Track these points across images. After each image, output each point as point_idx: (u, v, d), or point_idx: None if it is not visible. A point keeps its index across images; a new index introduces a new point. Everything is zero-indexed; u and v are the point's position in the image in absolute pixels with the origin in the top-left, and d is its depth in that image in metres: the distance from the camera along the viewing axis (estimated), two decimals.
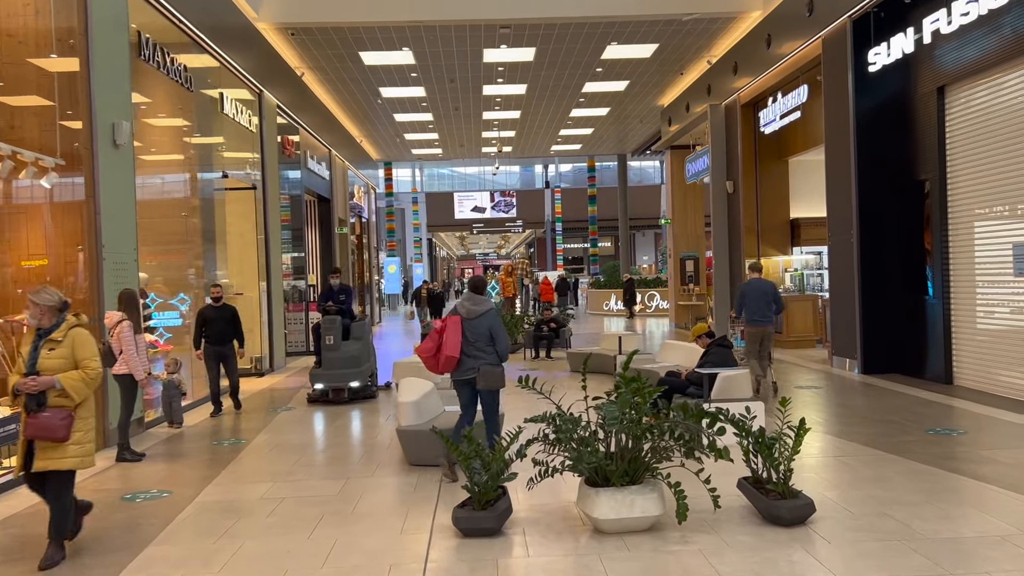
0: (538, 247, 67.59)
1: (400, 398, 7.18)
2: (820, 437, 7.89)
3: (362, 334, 11.36)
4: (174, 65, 10.58)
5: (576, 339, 18.35)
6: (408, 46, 16.64)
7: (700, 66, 19.08)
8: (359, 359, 11.03)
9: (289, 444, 8.36)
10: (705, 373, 7.67)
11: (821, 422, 8.70)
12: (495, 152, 29.14)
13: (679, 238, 23.17)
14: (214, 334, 10.14)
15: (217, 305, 10.29)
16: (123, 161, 8.86)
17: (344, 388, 10.79)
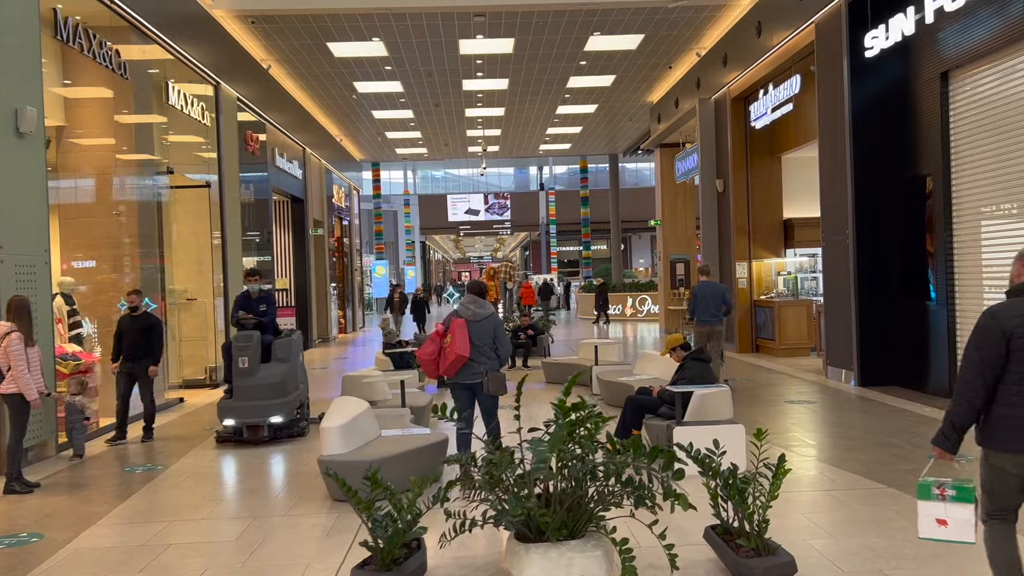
0: (533, 250, 66.78)
1: (324, 422, 6.22)
2: (811, 464, 6.93)
3: (288, 354, 8.92)
4: (103, 49, 9.63)
5: (559, 346, 17.41)
6: (378, 36, 15.71)
7: (689, 59, 18.16)
8: (283, 387, 8.59)
9: (209, 473, 7.39)
10: (677, 392, 6.71)
11: (813, 444, 7.74)
12: (480, 152, 28.17)
13: (669, 240, 22.24)
14: (127, 348, 8.87)
15: (135, 315, 8.97)
16: (30, 151, 7.90)
17: (262, 425, 8.42)
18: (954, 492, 3.56)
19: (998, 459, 3.51)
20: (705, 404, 6.91)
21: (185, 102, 12.52)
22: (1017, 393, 3.44)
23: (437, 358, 6.75)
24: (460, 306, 6.97)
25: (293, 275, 20.94)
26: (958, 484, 3.57)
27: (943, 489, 3.58)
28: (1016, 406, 3.43)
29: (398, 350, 11.84)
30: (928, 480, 3.63)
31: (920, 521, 3.65)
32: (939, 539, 3.63)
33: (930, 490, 3.61)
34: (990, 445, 3.53)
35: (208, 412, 10.97)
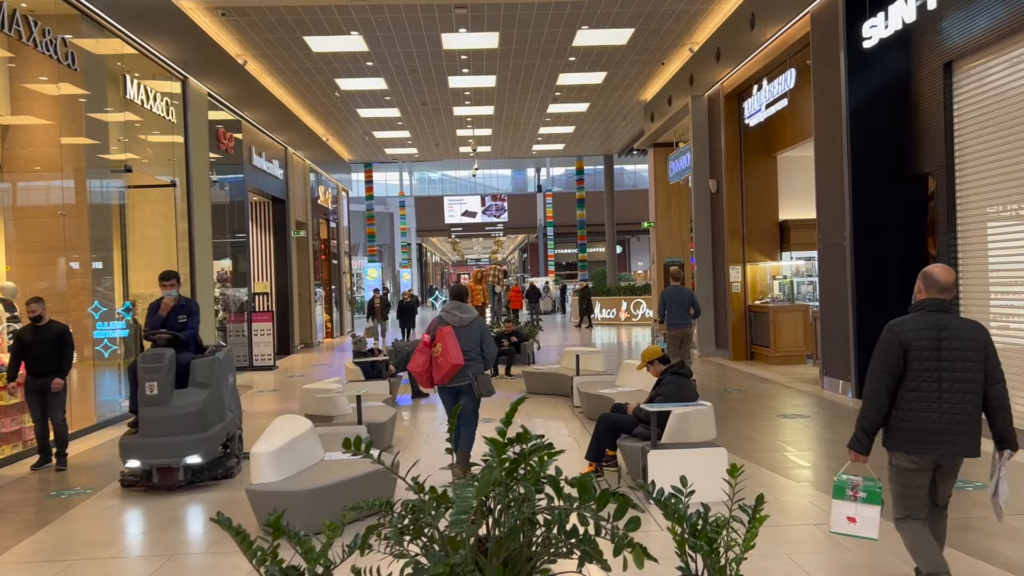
0: (531, 252, 66.17)
1: (255, 446, 5.56)
2: (802, 492, 6.27)
3: (211, 377, 7.21)
4: (46, 38, 8.96)
5: (549, 352, 16.74)
6: (357, 30, 15.05)
7: (682, 55, 17.49)
8: (202, 418, 6.95)
9: (134, 502, 6.72)
10: (653, 411, 6.04)
11: (806, 466, 7.08)
12: (471, 152, 27.52)
13: (663, 243, 21.57)
14: (34, 363, 7.85)
15: (39, 325, 7.90)
16: None
17: (176, 468, 6.79)
18: (865, 494, 3.95)
19: (899, 459, 3.96)
20: (685, 424, 6.25)
21: (147, 97, 11.88)
22: (914, 399, 3.87)
23: (429, 368, 6.77)
24: (444, 312, 6.94)
25: (274, 278, 20.28)
26: (868, 487, 3.96)
27: (855, 491, 3.97)
28: (912, 410, 3.87)
29: (369, 359, 11.18)
30: (844, 480, 4.01)
31: (832, 517, 4.05)
32: (848, 534, 4.02)
33: (845, 491, 4.00)
34: (892, 446, 3.97)
35: None
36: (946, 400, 3.84)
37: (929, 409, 3.85)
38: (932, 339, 3.85)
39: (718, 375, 13.66)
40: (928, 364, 3.85)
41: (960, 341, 3.85)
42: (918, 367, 3.86)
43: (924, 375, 3.86)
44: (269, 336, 16.63)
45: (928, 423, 3.85)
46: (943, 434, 3.83)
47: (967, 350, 3.84)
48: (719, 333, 16.17)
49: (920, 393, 3.86)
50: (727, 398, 10.84)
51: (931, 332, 3.86)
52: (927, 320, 3.90)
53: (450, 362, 6.59)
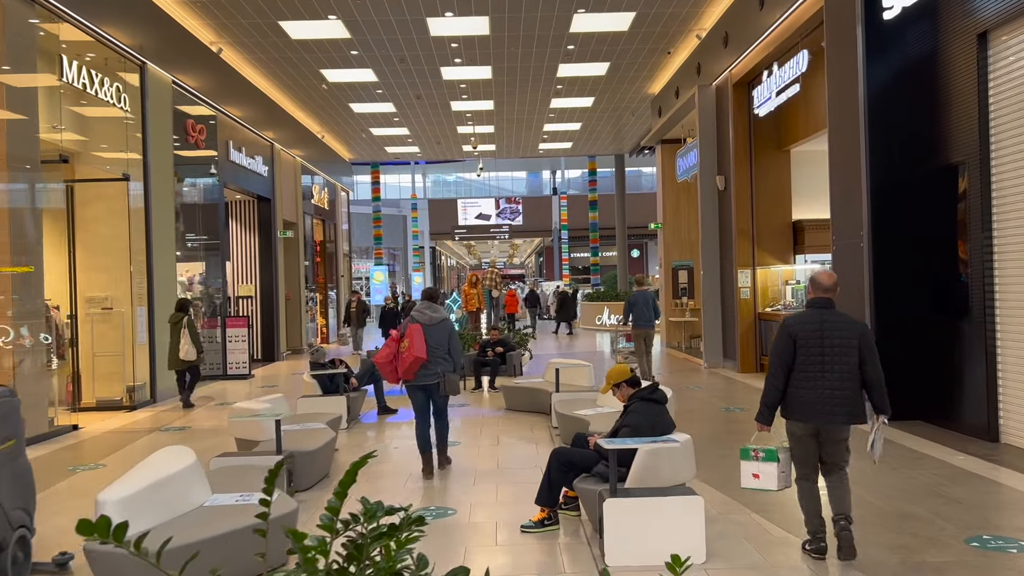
0: (547, 256, 65.04)
1: (102, 493, 4.41)
2: (798, 559, 5.03)
3: None
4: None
5: (539, 363, 15.51)
6: (335, 14, 13.96)
7: (689, 42, 16.27)
8: None
9: None
10: (609, 448, 4.82)
11: None
12: (472, 149, 26.39)
13: (671, 245, 20.28)
14: None
15: None
16: None
17: None
18: (764, 454, 4.76)
19: (792, 426, 4.81)
20: (655, 463, 5.04)
21: (90, 81, 10.84)
22: (802, 379, 4.71)
23: (394, 361, 7.07)
24: (415, 311, 7.25)
25: (259, 280, 19.25)
26: (766, 448, 4.76)
27: (757, 452, 4.77)
28: (801, 388, 4.71)
29: (327, 371, 10.05)
30: (748, 446, 4.82)
31: (742, 475, 4.86)
32: (755, 488, 4.84)
33: (748, 453, 4.80)
34: (786, 415, 4.80)
35: (103, 443, 9.24)
36: (827, 379, 4.66)
37: (814, 387, 4.68)
38: (816, 331, 4.70)
39: (723, 390, 12.40)
40: (813, 351, 4.69)
41: (839, 332, 4.68)
42: (805, 353, 4.71)
43: (810, 359, 4.69)
44: (244, 343, 15.56)
45: (813, 398, 4.67)
46: (825, 405, 4.66)
47: (844, 339, 4.66)
48: (727, 343, 14.89)
49: (807, 373, 4.70)
50: (728, 419, 9.60)
51: (816, 325, 4.71)
52: (812, 316, 4.76)
53: (413, 355, 6.91)
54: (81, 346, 11.94)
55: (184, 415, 11.27)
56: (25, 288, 9.29)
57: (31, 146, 9.45)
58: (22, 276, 9.20)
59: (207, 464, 6.33)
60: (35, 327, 9.35)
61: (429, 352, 7.02)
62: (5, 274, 8.91)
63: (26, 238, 9.32)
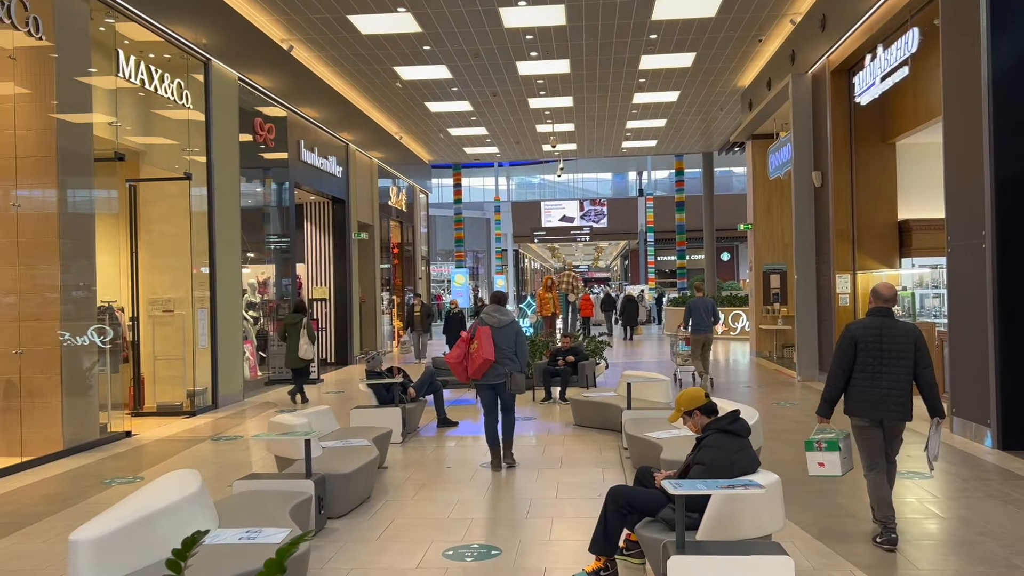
0: (632, 259, 63.73)
1: (76, 531, 3.78)
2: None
3: None
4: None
5: (616, 370, 14.57)
6: (404, 6, 13.41)
7: (782, 29, 15.06)
8: None
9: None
10: (679, 494, 3.94)
11: (923, 569, 4.80)
12: (551, 147, 25.59)
13: (762, 247, 19.01)
14: None
15: None
16: None
17: None
18: (826, 444, 5.15)
19: (855, 421, 5.36)
20: (734, 512, 4.14)
21: (151, 76, 10.54)
22: (861, 379, 5.24)
23: (464, 361, 7.48)
24: (483, 314, 7.67)
25: (333, 283, 18.95)
26: (828, 439, 5.16)
27: (820, 443, 5.16)
28: (858, 387, 5.26)
29: (383, 381, 9.41)
30: (812, 438, 5.22)
31: (808, 465, 5.25)
32: (821, 475, 5.21)
33: (812, 444, 5.20)
34: (849, 412, 5.37)
35: (150, 453, 8.85)
36: (884, 380, 5.17)
37: (872, 386, 5.20)
38: (876, 336, 5.19)
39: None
40: (872, 354, 5.19)
41: (896, 338, 5.16)
42: (864, 356, 5.20)
43: (869, 362, 5.19)
44: None
45: (870, 396, 5.20)
46: (882, 403, 5.18)
47: (901, 345, 5.15)
48: (823, 354, 13.64)
49: (866, 374, 5.20)
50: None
51: (876, 331, 5.20)
52: (873, 323, 5.24)
53: (482, 356, 7.31)
54: (143, 349, 11.71)
55: (239, 424, 10.86)
56: (78, 289, 8.99)
57: (84, 143, 9.14)
58: (74, 276, 8.89)
59: (231, 486, 5.75)
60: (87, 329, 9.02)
61: (497, 353, 7.41)
62: (54, 274, 8.59)
63: (79, 237, 9.00)
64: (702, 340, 12.58)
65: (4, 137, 8.40)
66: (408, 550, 5.31)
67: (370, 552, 5.29)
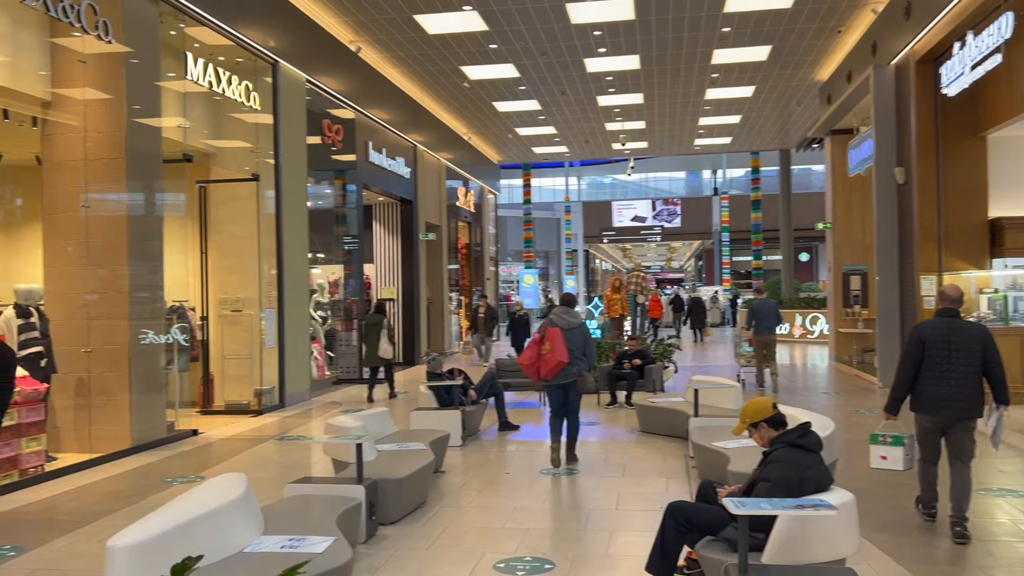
0: (706, 260, 62.58)
1: (114, 538, 3.71)
2: None
3: None
4: (64, 2, 7.79)
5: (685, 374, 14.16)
6: (470, 4, 13.28)
7: (863, 18, 14.38)
8: None
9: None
10: (742, 514, 3.64)
11: None
12: (621, 145, 25.19)
13: (842, 247, 18.26)
14: None
15: None
16: None
17: None
18: (891, 439, 5.53)
19: (919, 418, 5.57)
20: (803, 534, 3.82)
21: (219, 78, 10.67)
22: (929, 378, 5.42)
23: (536, 363, 7.63)
24: (553, 315, 7.85)
25: (401, 283, 19.00)
26: (893, 434, 5.52)
27: (885, 438, 5.54)
28: (926, 385, 5.44)
29: (442, 383, 9.28)
30: (878, 432, 5.59)
31: (871, 457, 5.63)
32: (883, 468, 5.57)
33: (877, 438, 5.59)
34: (914, 409, 5.57)
35: (214, 452, 8.93)
36: (952, 378, 5.37)
37: (940, 385, 5.39)
38: (944, 336, 5.41)
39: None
40: (940, 354, 5.40)
41: (964, 338, 5.38)
42: (932, 355, 5.42)
43: (937, 361, 5.40)
44: None
45: (938, 394, 5.40)
46: (950, 401, 5.37)
47: (968, 345, 5.35)
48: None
49: (933, 373, 5.41)
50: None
51: (944, 332, 5.43)
52: (941, 323, 5.48)
53: (556, 358, 7.49)
54: (212, 348, 11.89)
55: (304, 423, 10.90)
56: (146, 289, 9.13)
57: (153, 145, 9.28)
58: (143, 276, 9.03)
59: (282, 490, 5.68)
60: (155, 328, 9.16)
61: (569, 355, 7.56)
62: (123, 274, 8.74)
63: (147, 238, 9.14)
64: (765, 341, 12.85)
65: (75, 140, 8.60)
66: (459, 560, 5.12)
67: (420, 562, 5.13)
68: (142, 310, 8.99)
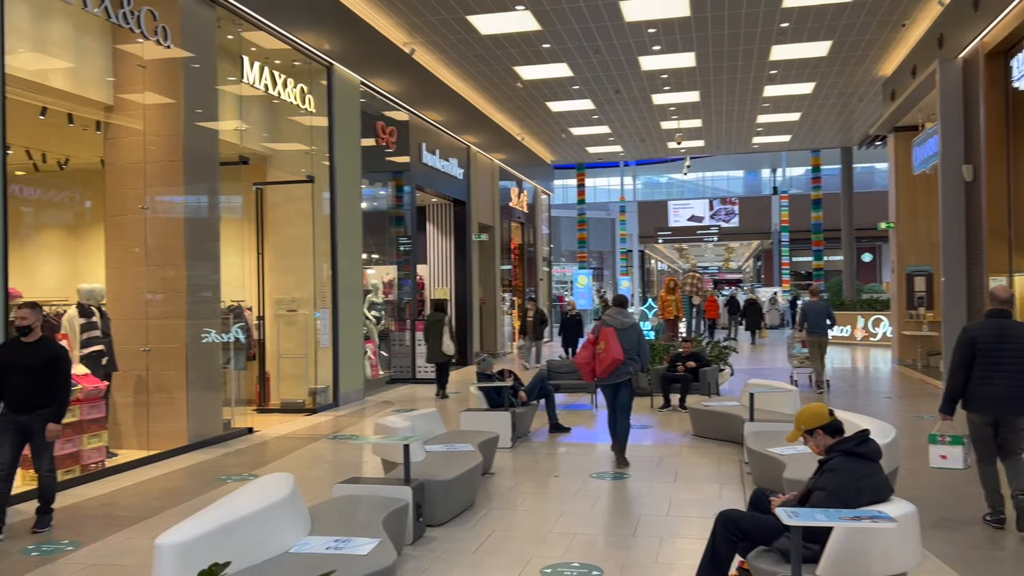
0: (765, 260, 61.48)
1: (162, 536, 3.75)
2: None
3: None
4: (124, 8, 7.97)
5: (741, 377, 13.89)
6: (523, 4, 13.24)
7: (929, 10, 13.90)
8: None
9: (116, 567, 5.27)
10: (796, 525, 3.50)
11: None
12: (678, 145, 24.86)
13: (906, 247, 17.70)
14: (15, 393, 5.75)
15: (27, 341, 5.79)
16: None
17: None
18: (950, 439, 5.60)
19: (972, 416, 5.66)
20: (861, 547, 3.66)
21: (273, 83, 10.83)
22: (980, 377, 5.53)
23: (592, 362, 7.78)
24: (607, 316, 7.99)
25: (454, 284, 19.06)
26: (952, 434, 5.60)
27: (943, 437, 5.61)
28: (978, 385, 5.54)
29: (492, 384, 9.25)
30: (936, 432, 5.65)
31: (930, 457, 5.65)
32: (942, 467, 5.60)
33: (936, 438, 5.64)
34: (967, 408, 5.66)
35: (268, 450, 9.06)
36: (1003, 377, 5.48)
37: (991, 383, 5.50)
38: (995, 336, 5.53)
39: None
40: (991, 353, 5.49)
41: (1015, 338, 5.50)
42: (983, 355, 5.51)
43: (988, 360, 5.50)
44: None
45: (990, 393, 5.51)
46: (1001, 399, 5.50)
47: (1019, 344, 5.48)
48: None
49: (985, 372, 5.51)
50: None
51: (994, 332, 5.55)
52: (991, 324, 5.61)
53: (611, 356, 7.62)
54: (268, 347, 12.07)
55: (357, 422, 10.98)
56: (204, 289, 9.30)
57: (211, 148, 9.45)
58: (200, 277, 9.20)
59: (331, 489, 5.70)
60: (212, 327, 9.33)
61: (623, 354, 7.68)
62: (180, 274, 8.92)
63: (204, 239, 9.31)
64: (817, 342, 12.99)
65: (135, 143, 8.80)
66: (506, 565, 5.07)
67: (466, 565, 5.09)
68: (200, 310, 9.16)
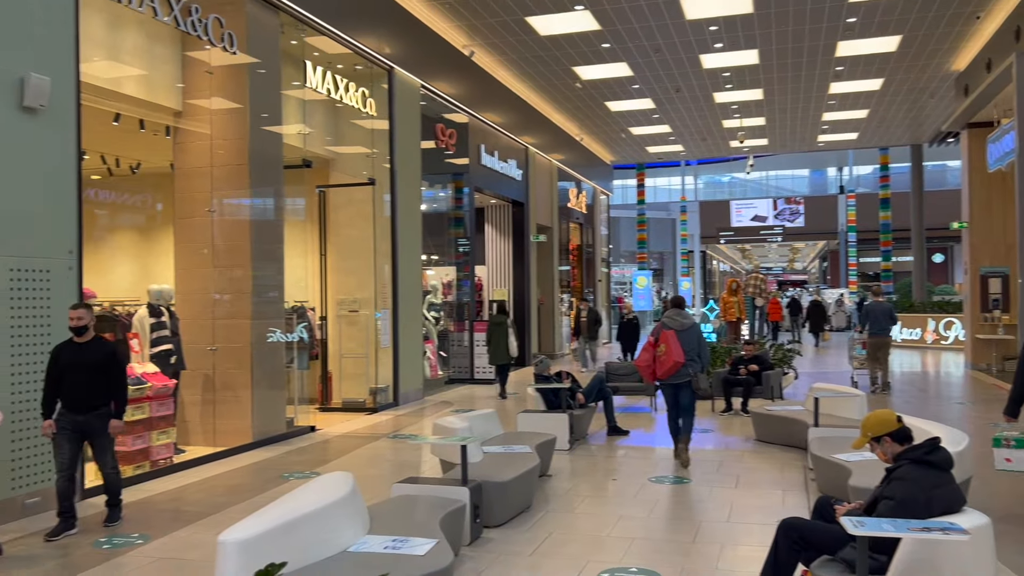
0: (831, 261, 60.11)
1: (226, 532, 3.83)
2: None
3: None
4: (193, 16, 8.20)
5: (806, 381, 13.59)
6: (582, 4, 13.17)
7: (1005, 2, 13.38)
8: None
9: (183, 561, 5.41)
10: (860, 535, 3.39)
11: None
12: (739, 142, 24.44)
13: (980, 248, 17.10)
14: (72, 392, 5.86)
15: (81, 341, 5.91)
16: (43, 131, 6.53)
17: None
18: (1015, 442, 5.59)
19: None
20: (930, 559, 3.54)
21: (335, 87, 10.99)
22: None
23: (652, 364, 7.84)
24: (666, 318, 7.99)
25: (512, 285, 19.08)
26: (1017, 437, 5.58)
27: (1008, 440, 5.61)
28: None
29: (550, 386, 9.22)
30: (1000, 434, 5.67)
31: (995, 460, 5.68)
32: (1008, 470, 5.64)
33: (1000, 441, 5.64)
34: None
35: (330, 448, 9.20)
36: None
37: None
38: None
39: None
40: None
41: None
42: None
43: None
44: None
45: None
46: None
47: None
48: None
49: None
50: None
51: None
52: None
53: (672, 359, 7.66)
54: (331, 347, 12.26)
55: (416, 422, 11.08)
56: (269, 290, 9.50)
57: (275, 151, 9.65)
58: (264, 278, 9.40)
59: (390, 489, 5.76)
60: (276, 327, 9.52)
61: (684, 355, 7.68)
62: (246, 276, 9.12)
63: (269, 240, 9.51)
64: (878, 343, 12.86)
65: (203, 147, 9.04)
66: (562, 568, 5.05)
67: (522, 567, 5.08)
68: (265, 310, 9.35)
